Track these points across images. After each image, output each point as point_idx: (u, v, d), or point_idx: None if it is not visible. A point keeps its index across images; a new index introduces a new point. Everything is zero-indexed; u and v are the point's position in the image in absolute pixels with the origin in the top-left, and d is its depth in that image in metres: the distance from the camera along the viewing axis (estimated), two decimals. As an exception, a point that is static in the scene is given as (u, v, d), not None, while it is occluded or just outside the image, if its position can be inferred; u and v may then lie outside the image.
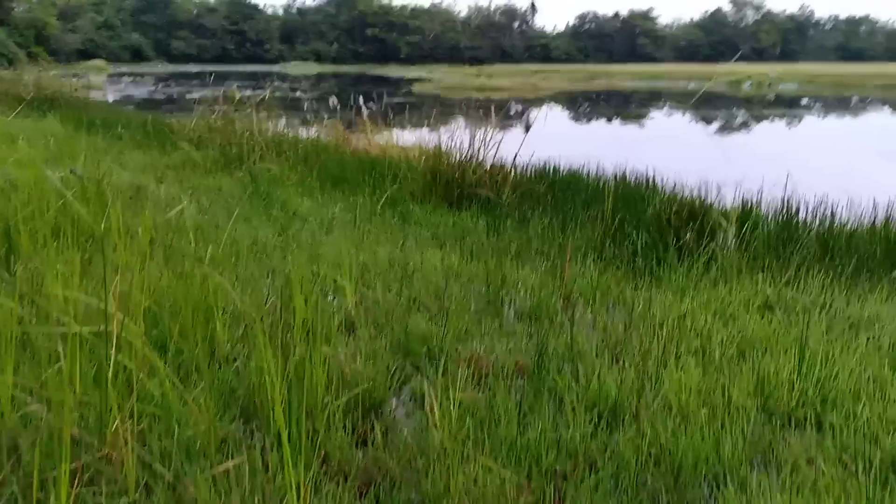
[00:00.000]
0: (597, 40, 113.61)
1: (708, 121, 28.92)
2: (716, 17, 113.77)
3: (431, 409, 3.33)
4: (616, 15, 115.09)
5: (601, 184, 8.03)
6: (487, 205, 7.77)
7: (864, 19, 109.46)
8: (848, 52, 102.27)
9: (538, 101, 40.79)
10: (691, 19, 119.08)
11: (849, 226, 6.04)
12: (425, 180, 8.31)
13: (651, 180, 8.06)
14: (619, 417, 3.42)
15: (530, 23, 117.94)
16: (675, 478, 3.01)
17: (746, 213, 6.00)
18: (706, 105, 35.17)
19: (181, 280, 4.52)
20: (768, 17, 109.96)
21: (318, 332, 4.22)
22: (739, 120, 29.13)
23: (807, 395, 3.51)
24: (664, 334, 4.28)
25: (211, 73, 34.05)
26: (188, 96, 36.40)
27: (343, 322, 4.68)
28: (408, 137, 13.45)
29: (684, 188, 7.58)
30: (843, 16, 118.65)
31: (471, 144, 8.35)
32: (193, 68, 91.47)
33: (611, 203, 6.55)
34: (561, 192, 7.90)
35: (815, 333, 4.26)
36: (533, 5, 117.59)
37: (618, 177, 7.96)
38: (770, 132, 25.04)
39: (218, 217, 7.22)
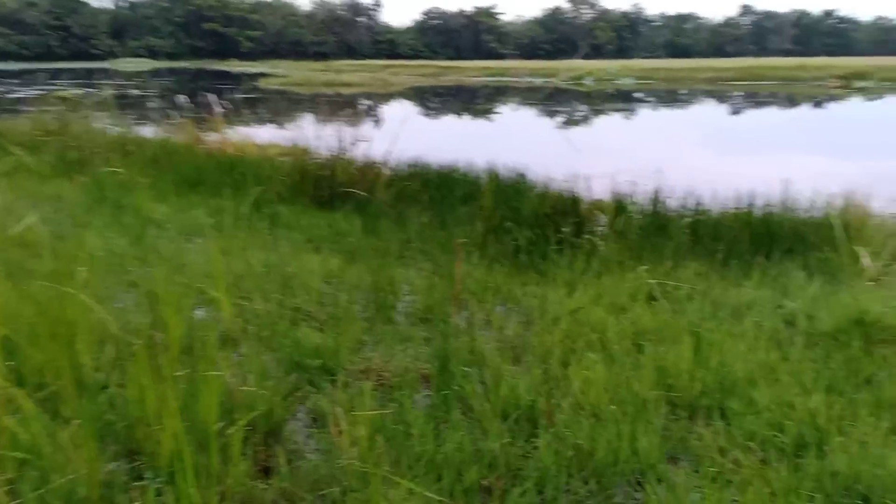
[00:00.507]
0: (443, 36, 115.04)
1: (557, 114, 29.93)
2: (555, 15, 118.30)
3: (338, 430, 3.09)
4: (461, 12, 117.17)
5: (475, 180, 7.98)
6: (361, 204, 7.52)
7: (690, 17, 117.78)
8: (676, 48, 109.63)
9: (392, 97, 40.71)
10: (533, 17, 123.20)
11: (713, 213, 6.29)
12: (292, 180, 7.94)
13: (522, 175, 8.09)
14: (534, 422, 3.32)
15: (376, 18, 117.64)
16: (598, 480, 2.94)
17: (620, 205, 6.12)
18: (554, 100, 36.45)
19: (32, 301, 4.01)
20: (604, 15, 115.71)
21: (198, 352, 3.89)
22: (584, 114, 30.32)
23: (706, 385, 3.56)
24: (561, 331, 4.23)
25: (34, 72, 31.37)
26: (9, 96, 33.45)
27: (222, 338, 4.32)
28: (264, 135, 12.89)
29: (552, 181, 7.66)
30: (670, 13, 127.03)
31: (339, 141, 8.05)
32: (13, 66, 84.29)
33: (490, 199, 6.50)
34: (436, 189, 7.78)
35: (703, 321, 4.35)
36: (377, 0, 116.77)
37: (489, 172, 7.93)
38: (616, 125, 26.18)
39: (63, 227, 6.53)
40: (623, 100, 36.80)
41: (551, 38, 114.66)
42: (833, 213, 5.64)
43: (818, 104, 33.64)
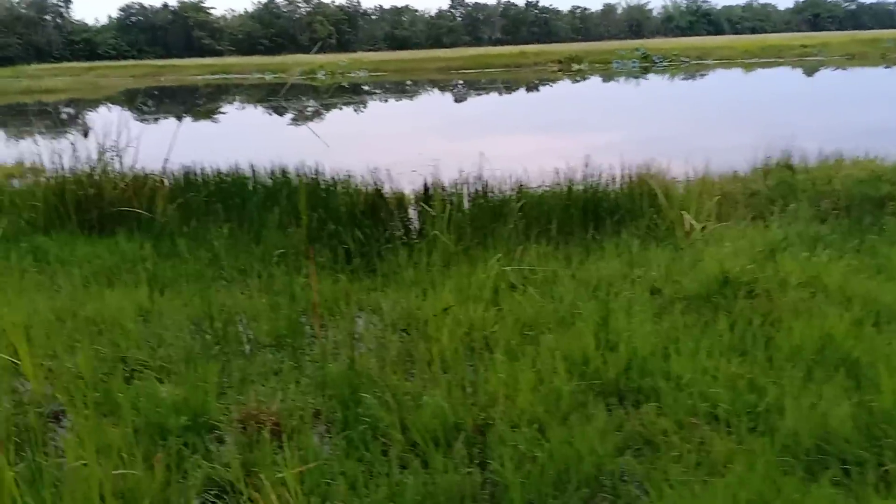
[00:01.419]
0: (148, 34, 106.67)
1: (299, 110, 29.20)
2: (270, 9, 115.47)
3: (257, 498, 2.49)
4: (165, 6, 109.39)
5: (268, 184, 7.27)
6: (143, 224, 6.52)
7: (406, 9, 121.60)
8: (396, 41, 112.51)
9: (106, 101, 37.09)
10: (245, 11, 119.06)
11: (535, 194, 6.28)
12: (48, 205, 6.68)
13: (316, 174, 7.53)
14: (470, 442, 2.95)
15: (66, 16, 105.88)
16: (563, 488, 2.66)
17: (449, 196, 5.88)
18: (293, 94, 35.51)
19: None
20: (320, 9, 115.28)
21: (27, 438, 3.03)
22: (326, 107, 29.87)
23: (619, 367, 3.42)
24: (443, 334, 3.87)
25: None
26: None
27: (33, 413, 3.40)
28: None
29: (352, 178, 7.24)
30: (387, 6, 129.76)
31: (100, 154, 6.92)
32: None
33: (305, 202, 5.93)
34: (227, 197, 6.98)
35: (575, 303, 4.25)
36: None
37: (298, 174, 7.25)
38: (356, 117, 26.05)
39: None
40: (356, 92, 37.00)
41: (269, 33, 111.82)
42: (650, 181, 5.88)
43: (541, 86, 36.37)
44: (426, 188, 6.47)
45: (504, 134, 17.86)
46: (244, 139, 18.51)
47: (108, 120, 7.74)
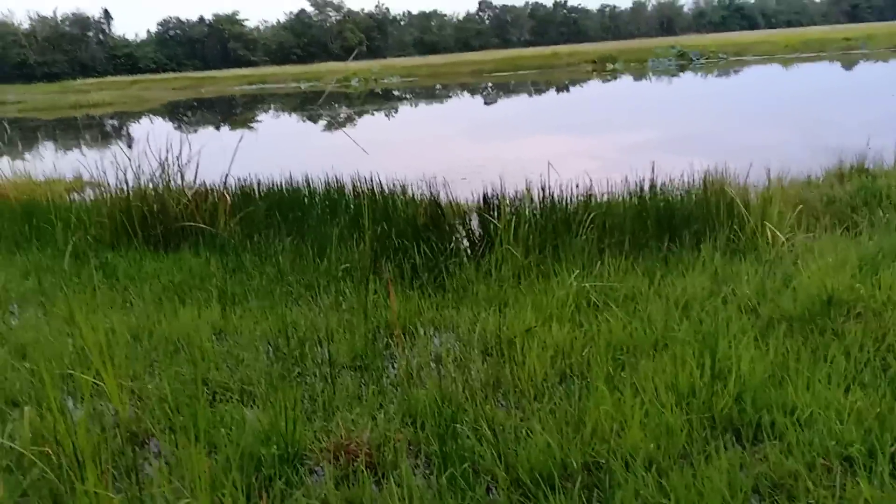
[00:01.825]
0: (186, 46, 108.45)
1: (337, 116, 29.25)
2: (301, 19, 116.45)
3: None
4: (201, 20, 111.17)
5: (329, 196, 7.17)
6: (207, 239, 6.45)
7: (434, 14, 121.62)
8: (425, 46, 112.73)
9: (151, 113, 37.60)
10: (278, 21, 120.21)
11: (603, 204, 6.07)
12: (114, 221, 6.65)
13: (378, 185, 7.41)
14: (570, 476, 2.77)
15: (108, 31, 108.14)
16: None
17: (515, 208, 5.70)
18: (335, 101, 35.60)
19: None
20: (350, 16, 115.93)
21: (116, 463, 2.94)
22: (364, 113, 29.88)
23: (728, 398, 3.20)
24: (532, 358, 3.69)
25: None
26: None
27: (122, 438, 3.31)
28: (36, 170, 10.96)
29: (409, 188, 7.10)
30: (415, 11, 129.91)
31: (163, 169, 6.87)
32: None
33: (368, 216, 5.80)
34: (288, 210, 6.89)
35: (668, 324, 4.04)
36: (106, 12, 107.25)
37: (357, 186, 7.14)
38: (393, 123, 25.99)
39: None
40: (388, 98, 36.94)
41: (301, 43, 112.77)
42: (727, 189, 5.65)
43: (578, 86, 35.97)
44: (485, 198, 6.29)
45: (547, 135, 17.65)
46: (287, 148, 18.56)
47: (159, 132, 7.73)
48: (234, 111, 37.55)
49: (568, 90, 35.01)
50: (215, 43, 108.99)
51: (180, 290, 5.34)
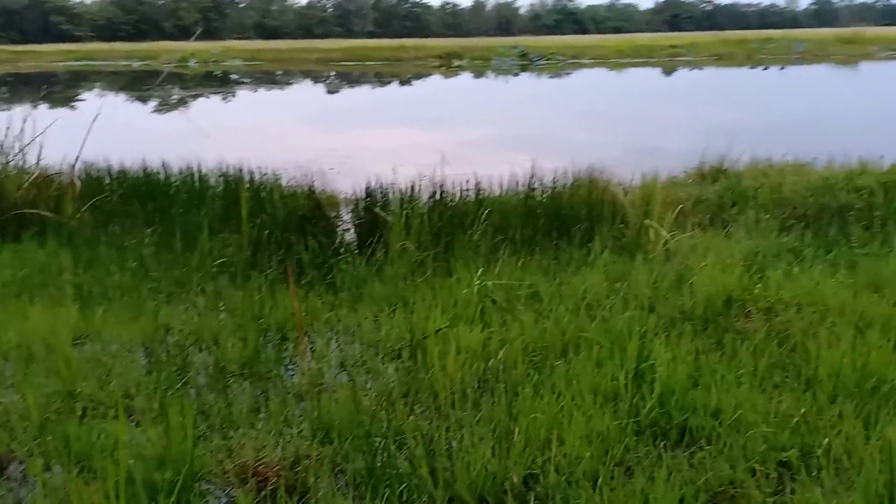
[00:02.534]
0: (2, 17, 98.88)
1: (173, 99, 27.50)
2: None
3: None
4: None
5: (193, 184, 6.58)
6: (54, 228, 5.70)
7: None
8: (266, 30, 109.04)
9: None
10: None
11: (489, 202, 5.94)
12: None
13: (242, 173, 6.90)
14: (522, 500, 2.60)
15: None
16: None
17: (408, 201, 5.45)
18: (168, 83, 33.46)
19: None
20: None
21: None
22: (202, 97, 28.27)
23: (653, 401, 3.15)
24: (448, 363, 3.48)
25: None
26: None
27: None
28: None
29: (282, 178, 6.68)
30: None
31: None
32: None
33: (246, 208, 5.35)
34: (147, 199, 6.24)
35: (573, 324, 3.97)
36: None
37: (235, 175, 6.57)
38: (232, 107, 24.74)
39: None
40: (228, 82, 35.37)
41: (132, 20, 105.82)
42: (611, 187, 5.71)
43: (427, 80, 36.07)
44: (369, 190, 6.01)
45: (398, 128, 17.49)
46: (115, 130, 17.15)
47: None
48: (54, 88, 34.42)
49: (411, 84, 35.06)
50: (35, 15, 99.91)
51: (26, 287, 4.67)
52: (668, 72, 37.12)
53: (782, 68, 35.54)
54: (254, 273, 4.95)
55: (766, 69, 35.63)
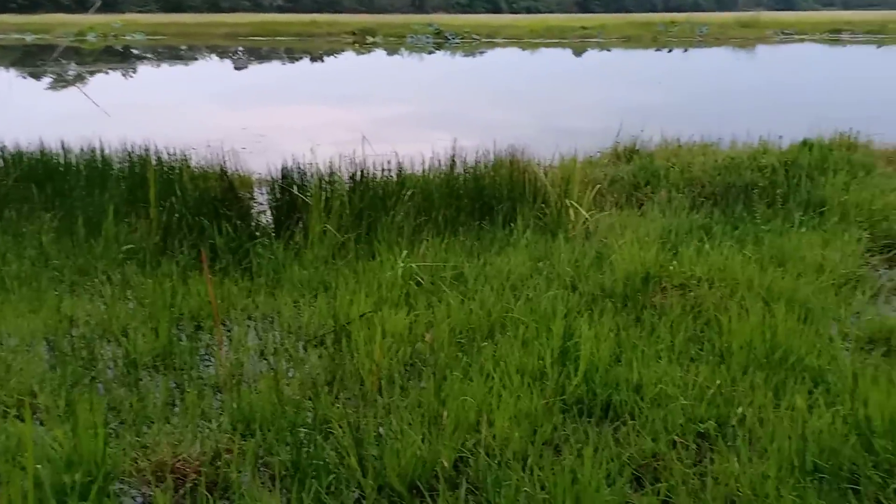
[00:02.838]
0: None
1: (77, 74, 26.09)
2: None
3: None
4: None
5: (96, 166, 6.24)
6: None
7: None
8: (168, 2, 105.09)
9: None
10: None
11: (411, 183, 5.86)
12: None
13: (149, 153, 6.59)
14: (453, 484, 2.59)
15: None
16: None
17: (328, 182, 5.33)
18: (63, 58, 31.67)
19: None
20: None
21: None
22: (94, 72, 26.90)
23: (578, 378, 3.19)
24: (374, 349, 3.43)
25: None
26: None
27: None
28: None
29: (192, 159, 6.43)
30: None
31: None
32: None
33: (154, 190, 5.12)
34: (45, 182, 5.88)
35: (499, 304, 3.98)
36: None
37: (142, 155, 6.24)
38: (133, 83, 23.70)
39: None
40: (128, 57, 33.83)
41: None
42: (536, 169, 5.73)
43: (341, 56, 35.45)
44: (285, 171, 5.84)
45: (313, 105, 17.14)
46: (13, 108, 16.18)
47: None
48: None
49: (324, 60, 34.42)
50: None
51: None
52: (579, 53, 37.69)
53: (686, 50, 36.62)
54: (164, 259, 4.76)
55: (670, 51, 36.63)
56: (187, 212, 5.18)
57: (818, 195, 5.79)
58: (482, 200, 5.56)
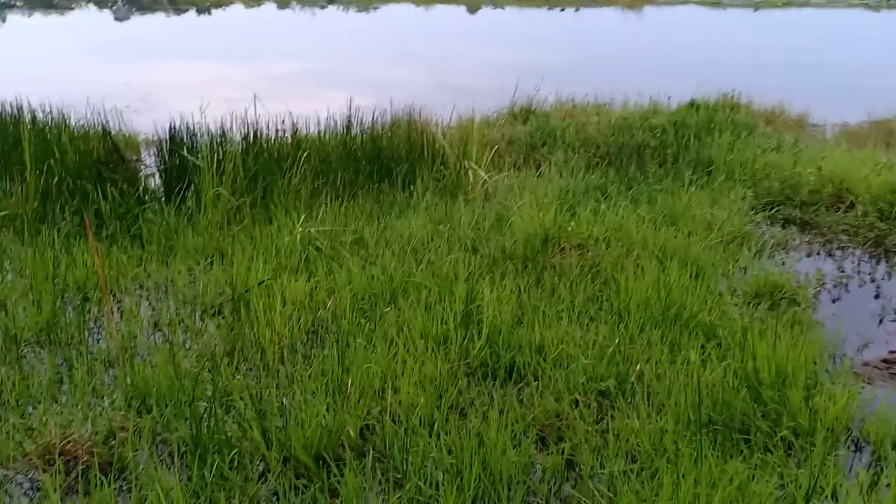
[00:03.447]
0: None
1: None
2: None
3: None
4: None
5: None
6: None
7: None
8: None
9: None
10: None
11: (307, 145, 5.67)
12: None
13: (22, 112, 6.10)
14: (359, 452, 2.57)
15: None
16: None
17: (219, 144, 5.09)
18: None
19: None
20: None
21: None
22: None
23: (483, 342, 3.21)
24: (274, 318, 3.34)
25: None
26: None
27: None
28: None
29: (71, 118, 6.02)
30: None
31: None
32: None
33: (29, 152, 4.77)
34: None
35: (398, 267, 3.95)
36: None
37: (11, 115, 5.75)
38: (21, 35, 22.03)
39: None
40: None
41: None
42: (433, 130, 5.66)
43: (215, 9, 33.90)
44: (173, 131, 5.55)
45: (199, 61, 16.37)
46: None
47: None
48: None
49: (211, 13, 32.87)
50: None
51: None
52: (473, 10, 37.48)
53: (577, 10, 37.11)
54: (44, 227, 4.46)
55: (562, 10, 37.02)
56: (68, 175, 4.87)
57: (705, 155, 6.01)
58: (380, 162, 5.48)
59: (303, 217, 4.39)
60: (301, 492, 2.37)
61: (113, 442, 2.61)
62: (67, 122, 5.85)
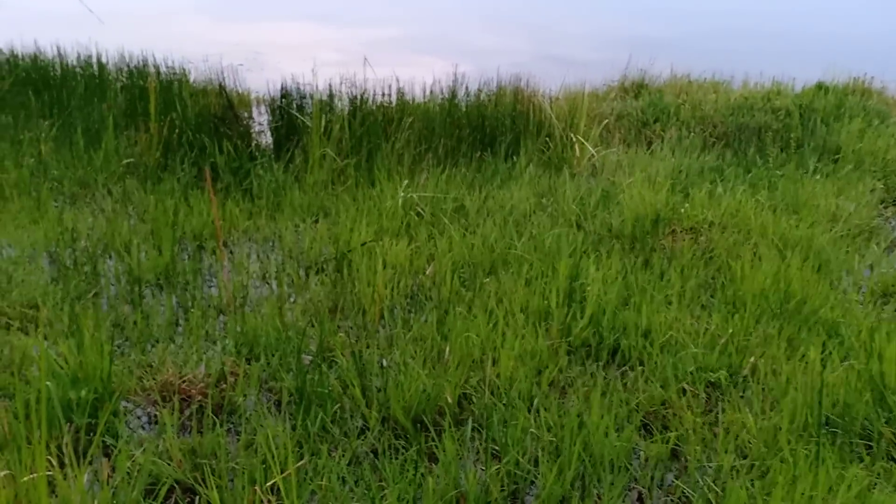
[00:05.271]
0: None
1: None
2: None
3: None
4: None
5: (92, 75, 6.03)
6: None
7: None
8: None
9: None
10: None
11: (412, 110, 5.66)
12: None
13: (148, 65, 6.35)
14: (457, 421, 2.56)
15: None
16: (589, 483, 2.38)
17: (328, 105, 5.16)
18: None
19: None
20: None
21: None
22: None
23: (587, 322, 3.13)
24: (376, 279, 3.35)
25: None
26: None
27: None
28: None
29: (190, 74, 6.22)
30: None
31: None
32: None
33: (154, 104, 4.96)
34: (43, 88, 5.69)
35: (500, 241, 3.90)
36: None
37: (104, 63, 6.02)
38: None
39: None
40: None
41: None
42: (541, 101, 5.56)
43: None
44: (285, 91, 5.64)
45: (295, 21, 16.53)
46: None
47: None
48: None
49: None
50: None
51: None
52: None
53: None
54: (165, 175, 4.64)
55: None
56: (188, 128, 5.03)
57: (833, 142, 5.67)
58: (484, 131, 5.42)
59: (405, 182, 4.39)
60: (400, 452, 2.38)
61: (224, 385, 2.69)
62: (188, 77, 6.06)
